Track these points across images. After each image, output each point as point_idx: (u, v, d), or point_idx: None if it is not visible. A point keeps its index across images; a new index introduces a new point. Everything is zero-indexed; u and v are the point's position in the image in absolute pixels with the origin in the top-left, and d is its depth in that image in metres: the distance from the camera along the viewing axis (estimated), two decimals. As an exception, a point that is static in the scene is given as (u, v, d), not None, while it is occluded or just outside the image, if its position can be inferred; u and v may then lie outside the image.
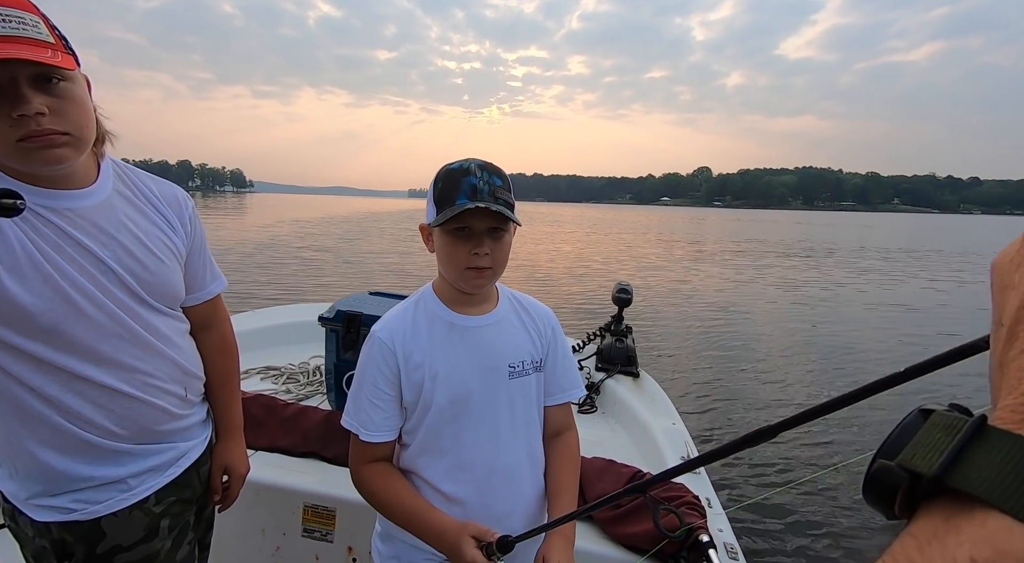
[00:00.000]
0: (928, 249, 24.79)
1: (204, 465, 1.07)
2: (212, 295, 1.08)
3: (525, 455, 0.99)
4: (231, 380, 1.15)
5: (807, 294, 11.03)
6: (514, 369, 0.96)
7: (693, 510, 1.41)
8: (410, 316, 0.96)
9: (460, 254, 0.88)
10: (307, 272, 11.42)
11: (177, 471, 0.99)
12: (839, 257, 19.54)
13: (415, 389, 0.92)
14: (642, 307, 8.97)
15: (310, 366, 2.34)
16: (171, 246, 0.96)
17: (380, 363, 0.92)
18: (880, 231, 44.04)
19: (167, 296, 0.95)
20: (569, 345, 1.09)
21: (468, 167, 0.87)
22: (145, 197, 0.95)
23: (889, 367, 6.15)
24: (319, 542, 1.54)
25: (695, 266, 15.53)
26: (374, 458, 0.96)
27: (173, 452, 0.98)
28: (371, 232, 23.96)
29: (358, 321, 1.93)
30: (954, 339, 3.40)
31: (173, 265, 0.95)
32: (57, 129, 0.76)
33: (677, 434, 1.86)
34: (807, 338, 7.41)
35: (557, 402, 1.03)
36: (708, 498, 1.52)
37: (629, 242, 23.77)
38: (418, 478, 0.96)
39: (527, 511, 0.99)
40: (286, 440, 1.70)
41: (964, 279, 14.20)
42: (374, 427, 0.93)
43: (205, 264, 1.06)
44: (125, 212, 0.90)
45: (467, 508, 0.94)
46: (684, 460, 1.72)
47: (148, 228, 0.92)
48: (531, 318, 1.02)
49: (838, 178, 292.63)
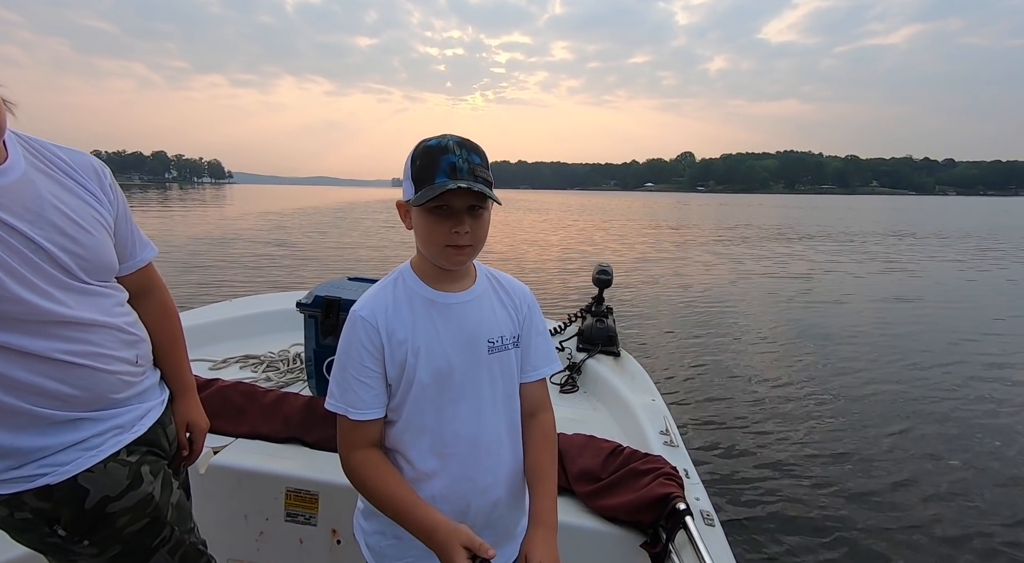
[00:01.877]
0: (906, 231, 25.31)
1: (169, 425, 1.09)
2: (144, 262, 1.08)
3: (505, 428, 1.00)
4: (176, 342, 1.16)
5: (790, 275, 11.22)
6: (493, 344, 0.97)
7: (671, 480, 1.44)
8: (390, 294, 0.96)
9: (440, 232, 0.88)
10: (285, 262, 11.29)
11: (142, 429, 1.00)
12: (821, 240, 19.86)
13: (398, 366, 0.92)
14: (628, 292, 9.05)
15: (290, 354, 2.32)
16: (100, 219, 0.94)
17: (364, 341, 0.92)
18: (861, 214, 44.76)
19: (102, 270, 0.94)
20: (545, 323, 1.09)
21: (447, 144, 0.87)
22: (62, 170, 0.91)
23: (867, 348, 6.29)
24: (303, 526, 1.55)
25: (679, 250, 15.67)
26: (364, 442, 0.95)
27: (135, 412, 1.00)
28: (349, 223, 23.63)
29: (337, 306, 1.92)
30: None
31: (104, 238, 0.94)
32: None
33: (656, 409, 1.90)
34: (786, 316, 7.56)
35: (531, 379, 1.04)
36: (686, 469, 1.55)
37: (617, 231, 23.80)
38: (402, 456, 0.97)
39: (508, 482, 1.01)
40: (267, 426, 1.69)
41: (933, 256, 14.54)
42: (363, 405, 0.92)
43: (132, 232, 1.05)
44: (47, 188, 0.87)
45: (452, 482, 0.95)
46: (662, 433, 1.77)
47: (74, 203, 0.90)
48: (508, 295, 1.03)
49: (818, 161, 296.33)
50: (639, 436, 1.76)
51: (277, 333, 2.54)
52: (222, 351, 2.36)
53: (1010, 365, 5.68)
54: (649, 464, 1.51)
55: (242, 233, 17.43)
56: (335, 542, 1.55)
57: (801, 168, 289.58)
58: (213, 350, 2.35)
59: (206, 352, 2.33)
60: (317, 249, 13.79)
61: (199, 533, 1.09)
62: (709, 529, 1.33)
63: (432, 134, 0.92)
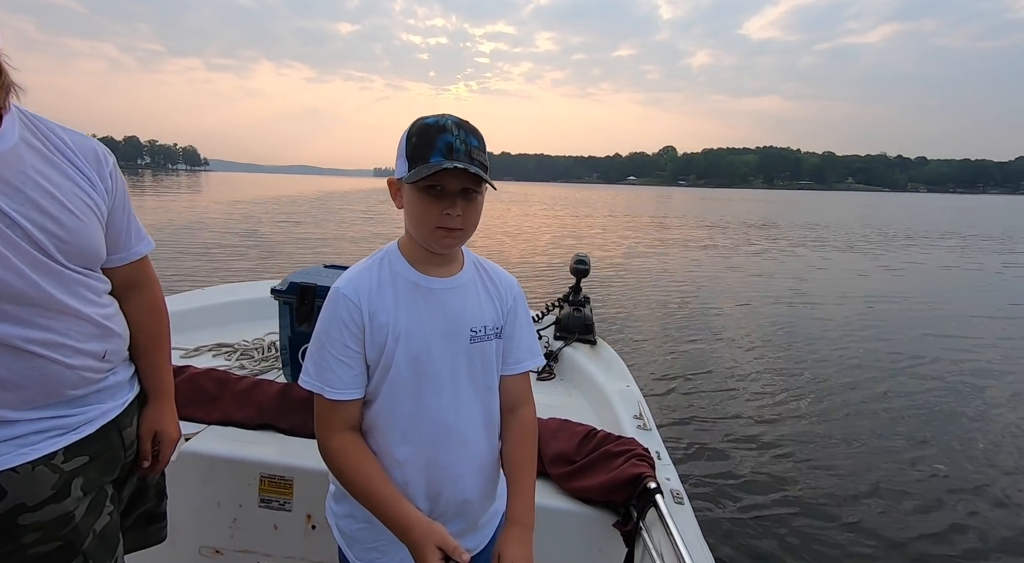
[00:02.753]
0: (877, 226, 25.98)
1: (128, 427, 1.01)
2: (138, 256, 1.03)
3: (482, 419, 0.99)
4: (161, 343, 1.11)
5: (767, 268, 11.45)
6: (475, 334, 0.95)
7: (642, 461, 1.47)
8: (375, 274, 0.93)
9: (432, 213, 0.86)
10: (257, 252, 11.11)
11: (88, 429, 0.92)
12: (800, 236, 20.26)
13: (377, 348, 0.91)
14: (607, 282, 9.13)
15: (264, 342, 2.29)
16: (90, 203, 0.89)
17: (346, 319, 0.90)
18: (843, 210, 45.75)
19: (85, 256, 0.89)
20: (530, 316, 1.07)
21: (445, 124, 0.85)
22: (59, 150, 0.87)
23: (836, 337, 6.46)
24: (277, 511, 1.54)
25: (658, 243, 15.85)
26: (342, 424, 0.92)
27: (88, 413, 0.92)
28: (325, 213, 23.26)
29: (312, 293, 1.90)
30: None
31: (92, 223, 0.89)
32: None
33: (630, 395, 1.93)
34: (761, 308, 7.73)
35: (514, 372, 1.02)
36: (658, 451, 1.59)
37: (600, 224, 23.91)
38: (375, 440, 0.95)
39: (482, 472, 1.00)
40: (240, 413, 1.67)
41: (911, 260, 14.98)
42: (341, 385, 0.90)
43: (130, 223, 1.00)
44: (34, 165, 0.83)
45: (424, 469, 0.94)
46: (636, 417, 1.80)
47: (62, 183, 0.86)
48: (494, 285, 1.01)
49: (797, 157, 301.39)
50: (613, 420, 1.79)
51: (251, 321, 2.50)
52: (194, 339, 2.32)
53: (981, 354, 5.91)
54: (622, 446, 1.54)
55: (213, 221, 17.07)
56: (310, 527, 1.55)
57: (780, 164, 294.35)
58: (185, 338, 2.31)
59: (177, 340, 2.28)
60: (291, 239, 13.55)
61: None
62: (678, 507, 1.36)
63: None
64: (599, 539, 1.42)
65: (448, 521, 0.92)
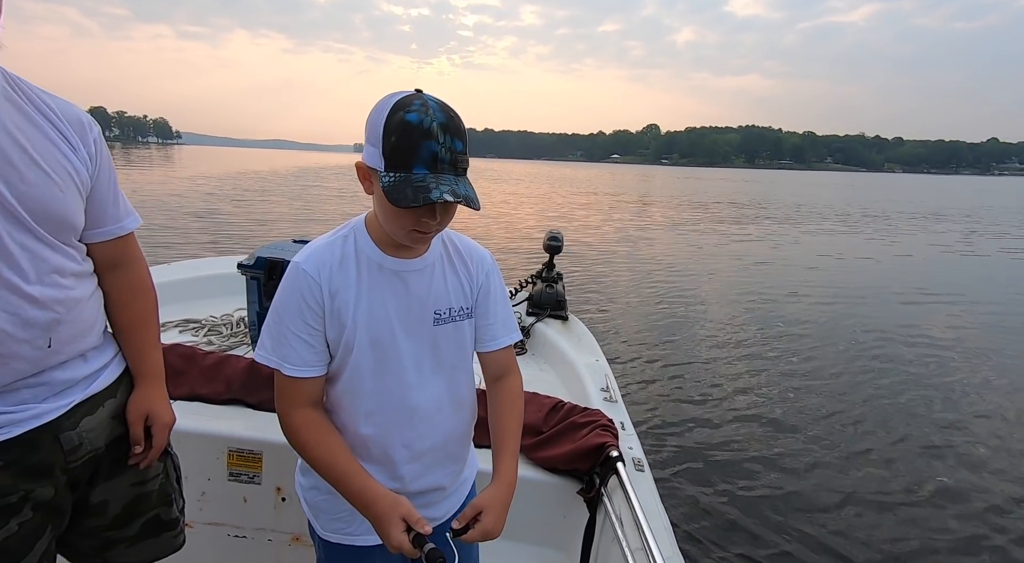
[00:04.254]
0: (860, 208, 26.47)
1: (70, 430, 0.89)
2: (125, 230, 0.96)
3: (448, 397, 0.97)
4: (148, 323, 1.05)
5: (742, 247, 11.64)
6: (440, 316, 0.94)
7: (607, 431, 1.52)
8: (338, 251, 0.90)
9: (407, 219, 0.82)
10: (225, 227, 10.87)
11: (13, 431, 0.82)
12: (777, 216, 20.55)
13: (338, 327, 0.89)
14: (581, 259, 9.19)
15: (233, 318, 2.26)
16: (68, 168, 0.83)
17: (306, 295, 0.87)
18: (829, 190, 46.38)
19: (54, 220, 0.81)
20: (505, 290, 1.05)
21: (430, 128, 0.76)
22: (41, 112, 0.82)
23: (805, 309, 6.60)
24: (247, 484, 1.55)
25: (636, 221, 15.95)
26: (303, 400, 0.90)
27: (20, 413, 0.84)
28: (298, 189, 22.72)
29: (280, 268, 1.87)
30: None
31: (67, 186, 0.83)
32: None
33: (598, 368, 1.98)
34: (733, 286, 7.88)
35: (490, 349, 1.01)
36: (622, 421, 1.63)
37: (582, 202, 23.85)
38: (337, 418, 0.95)
39: (447, 448, 0.99)
40: (207, 388, 1.66)
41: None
42: (300, 362, 0.88)
43: (115, 196, 0.95)
44: (13, 120, 0.78)
45: (387, 448, 0.93)
46: (603, 390, 1.85)
47: (38, 139, 0.80)
48: (464, 263, 0.98)
49: (778, 137, 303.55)
50: (581, 393, 1.83)
51: (219, 297, 2.46)
52: (160, 315, 2.28)
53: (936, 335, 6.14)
54: (587, 417, 1.58)
55: (181, 196, 16.52)
56: (280, 499, 1.56)
57: (761, 143, 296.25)
58: None
59: None
60: (259, 215, 13.23)
61: None
62: (639, 474, 1.41)
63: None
64: (564, 505, 1.47)
65: (413, 497, 0.92)
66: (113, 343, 1.02)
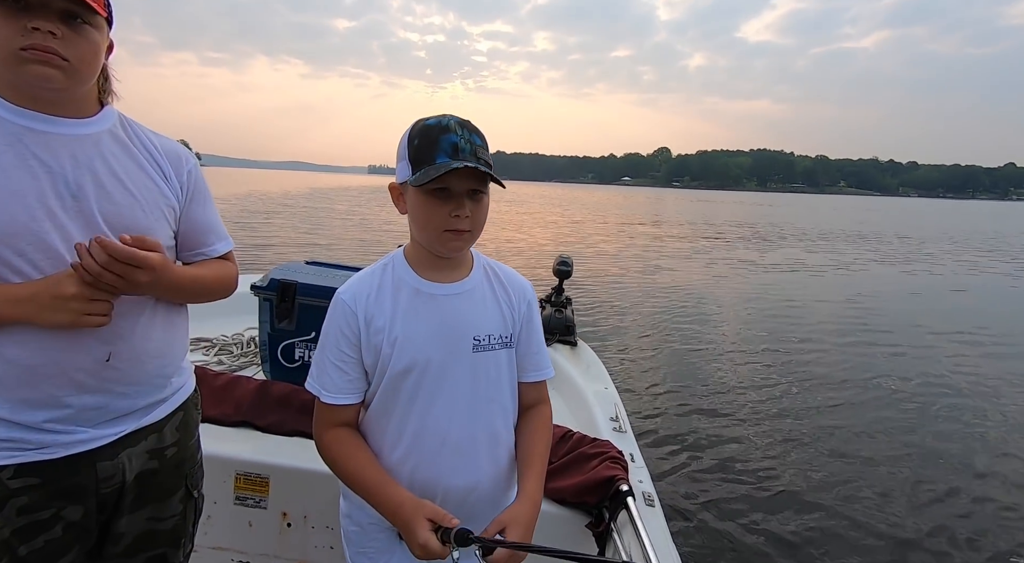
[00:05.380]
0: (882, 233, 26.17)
1: (109, 460, 0.90)
2: (215, 254, 1.05)
3: (484, 432, 0.94)
4: (211, 271, 1.06)
5: (756, 273, 11.54)
6: (479, 342, 0.92)
7: (616, 464, 1.49)
8: (376, 279, 0.93)
9: (439, 215, 0.84)
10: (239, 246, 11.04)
11: (58, 453, 0.85)
12: (788, 240, 20.40)
13: (373, 353, 0.90)
14: (591, 284, 9.16)
15: (244, 337, 2.28)
16: (156, 192, 0.93)
17: (342, 325, 0.90)
18: (844, 214, 46.05)
19: (130, 232, 0.86)
20: (541, 322, 1.05)
21: (447, 124, 0.83)
22: (143, 146, 0.95)
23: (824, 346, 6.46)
24: (252, 509, 1.54)
25: (647, 245, 15.93)
26: (337, 422, 0.93)
27: (74, 435, 0.87)
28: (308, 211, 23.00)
29: (293, 290, 1.90)
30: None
31: (151, 207, 0.92)
32: (60, 52, 0.81)
33: (608, 397, 1.95)
34: (746, 313, 7.79)
35: (531, 380, 1.00)
36: (632, 453, 1.60)
37: (592, 226, 23.91)
38: (371, 445, 0.94)
39: (482, 488, 0.94)
40: (216, 410, 1.67)
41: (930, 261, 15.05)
42: (335, 389, 0.91)
43: (210, 222, 1.04)
44: (111, 150, 0.90)
45: (416, 480, 0.91)
46: (612, 419, 1.82)
47: (133, 168, 0.92)
48: (505, 291, 0.97)
49: (790, 160, 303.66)
50: (589, 422, 1.80)
51: (231, 316, 2.48)
52: None
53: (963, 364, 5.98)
54: (596, 448, 1.55)
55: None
56: (285, 525, 1.55)
57: (773, 166, 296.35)
58: None
59: None
60: (267, 235, 13.34)
61: None
62: (649, 510, 1.38)
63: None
64: (572, 539, 1.44)
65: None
66: (179, 379, 1.03)
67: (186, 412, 1.04)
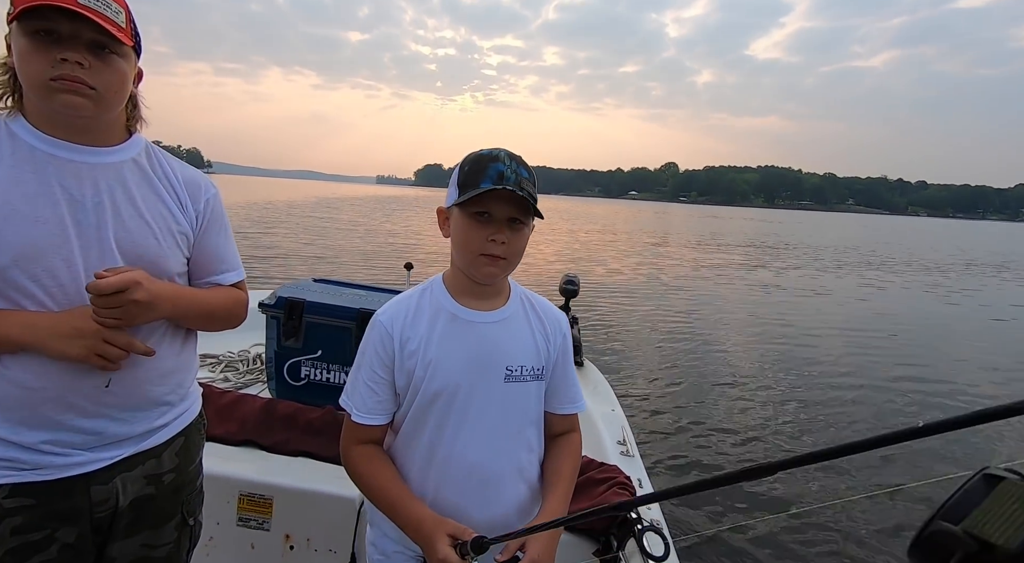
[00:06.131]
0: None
1: (103, 484, 0.90)
2: (225, 282, 1.06)
3: (511, 464, 0.94)
4: (214, 299, 1.05)
5: (762, 292, 11.46)
6: (511, 373, 0.92)
7: (624, 490, 1.47)
8: (414, 303, 0.95)
9: (477, 239, 0.87)
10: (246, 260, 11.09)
11: (53, 474, 0.86)
12: (798, 259, 20.28)
13: (406, 376, 0.91)
14: (597, 303, 9.13)
15: (250, 354, 2.28)
16: (171, 222, 0.95)
17: (378, 346, 0.91)
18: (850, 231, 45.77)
19: (143, 260, 0.91)
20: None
21: (498, 155, 0.87)
22: (165, 175, 0.98)
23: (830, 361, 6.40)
24: (255, 531, 1.52)
25: (653, 262, 15.88)
26: (364, 439, 0.94)
27: (69, 457, 0.87)
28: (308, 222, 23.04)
29: (300, 308, 1.90)
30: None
31: (163, 235, 0.94)
32: (87, 82, 0.83)
33: (615, 419, 1.93)
34: (754, 332, 7.71)
35: (565, 412, 1.01)
36: (639, 478, 1.58)
37: (599, 241, 23.87)
38: (399, 468, 0.95)
39: (506, 523, 0.93)
40: (221, 428, 1.66)
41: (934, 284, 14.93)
42: (365, 409, 0.92)
43: (223, 252, 1.05)
44: (133, 178, 0.93)
45: (440, 508, 0.90)
46: (619, 442, 1.80)
47: (150, 196, 0.94)
48: (541, 323, 0.98)
49: (797, 177, 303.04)
50: (596, 445, 1.78)
51: (237, 332, 2.48)
52: None
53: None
54: (604, 473, 1.54)
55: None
56: (288, 547, 1.53)
57: (781, 183, 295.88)
58: None
59: None
60: (272, 247, 13.31)
61: None
62: (657, 538, 1.35)
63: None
64: (579, 567, 1.41)
65: None
66: (183, 405, 1.03)
67: (188, 437, 1.04)
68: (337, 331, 1.88)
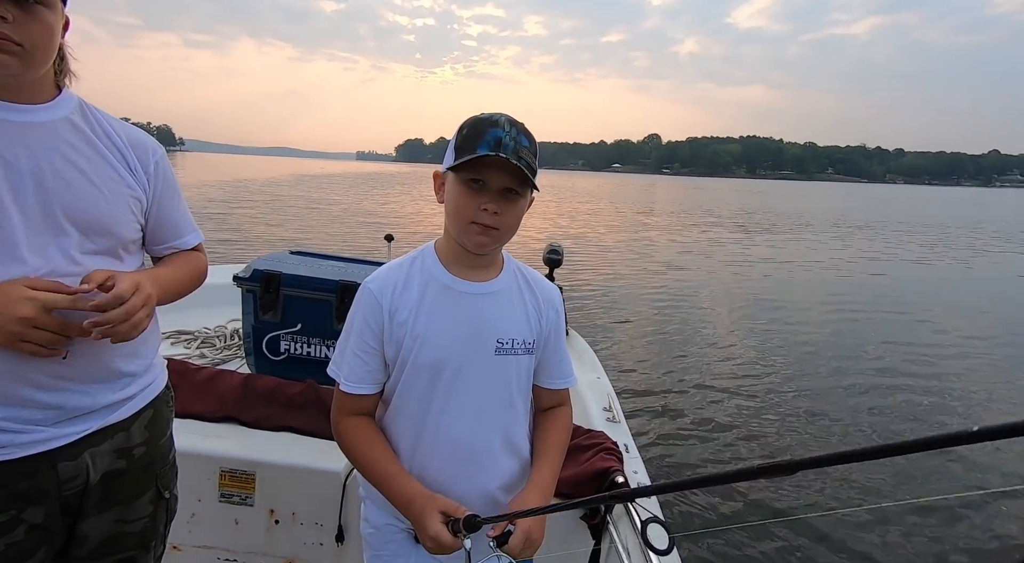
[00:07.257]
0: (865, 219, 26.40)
1: (70, 461, 0.86)
2: (185, 246, 1.02)
3: (499, 439, 0.93)
4: (182, 269, 1.03)
5: (746, 262, 11.60)
6: (502, 346, 0.91)
7: (611, 455, 1.47)
8: (404, 271, 0.92)
9: (469, 206, 0.84)
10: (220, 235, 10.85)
11: (14, 453, 0.81)
12: (779, 230, 20.53)
13: (395, 346, 0.89)
14: (582, 273, 9.15)
15: (227, 330, 2.22)
16: (120, 183, 0.89)
17: (367, 315, 0.89)
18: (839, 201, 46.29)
19: (95, 227, 0.85)
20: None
21: (497, 119, 0.84)
22: (106, 135, 0.90)
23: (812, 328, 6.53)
24: (238, 506, 1.51)
25: (637, 233, 15.94)
26: (355, 410, 0.93)
27: (30, 434, 0.82)
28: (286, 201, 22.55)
29: (278, 281, 1.84)
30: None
31: (114, 199, 0.88)
32: (12, 38, 0.76)
33: (600, 387, 1.93)
34: (738, 302, 7.83)
35: (556, 387, 1.00)
36: (626, 444, 1.59)
37: (584, 213, 23.83)
38: (389, 438, 0.94)
39: (493, 498, 0.93)
40: (199, 405, 1.62)
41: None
42: (355, 379, 0.90)
43: (176, 215, 1.01)
44: (70, 138, 0.86)
45: (427, 481, 0.89)
46: (605, 409, 1.80)
47: (95, 158, 0.87)
48: (534, 296, 0.96)
49: (779, 147, 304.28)
50: (583, 413, 1.78)
51: (213, 307, 2.41)
52: None
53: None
54: (591, 440, 1.54)
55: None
56: (273, 522, 1.52)
57: (762, 153, 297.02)
58: None
59: None
60: (245, 224, 13.01)
61: None
62: (644, 501, 1.36)
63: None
64: (567, 532, 1.42)
65: None
66: (147, 376, 0.98)
67: (156, 410, 1.00)
68: (317, 304, 1.83)
